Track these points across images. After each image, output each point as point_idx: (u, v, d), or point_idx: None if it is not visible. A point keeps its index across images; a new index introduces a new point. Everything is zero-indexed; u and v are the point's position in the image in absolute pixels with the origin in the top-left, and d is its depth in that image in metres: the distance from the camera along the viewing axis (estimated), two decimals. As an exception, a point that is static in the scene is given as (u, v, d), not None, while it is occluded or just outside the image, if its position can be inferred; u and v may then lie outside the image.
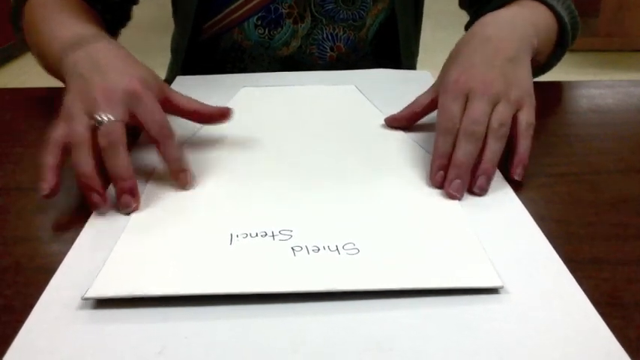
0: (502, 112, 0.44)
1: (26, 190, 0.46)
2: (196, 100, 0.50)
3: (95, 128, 0.41)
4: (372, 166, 0.47)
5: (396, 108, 0.57)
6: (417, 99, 0.53)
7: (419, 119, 0.53)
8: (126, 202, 0.40)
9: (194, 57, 0.75)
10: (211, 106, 0.50)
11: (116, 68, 0.45)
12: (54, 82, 0.65)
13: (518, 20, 0.53)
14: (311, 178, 0.45)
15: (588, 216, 0.41)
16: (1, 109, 0.64)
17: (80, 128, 0.41)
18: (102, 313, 0.31)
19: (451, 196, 0.41)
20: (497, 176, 0.45)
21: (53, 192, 0.40)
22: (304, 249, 0.36)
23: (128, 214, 0.40)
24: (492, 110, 0.44)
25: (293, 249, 0.36)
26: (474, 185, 0.42)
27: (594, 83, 0.68)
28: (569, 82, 0.69)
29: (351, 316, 0.31)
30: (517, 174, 0.44)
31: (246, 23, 0.71)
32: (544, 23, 0.57)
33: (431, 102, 0.51)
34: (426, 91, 0.53)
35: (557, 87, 0.68)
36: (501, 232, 0.38)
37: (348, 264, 0.34)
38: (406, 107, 0.54)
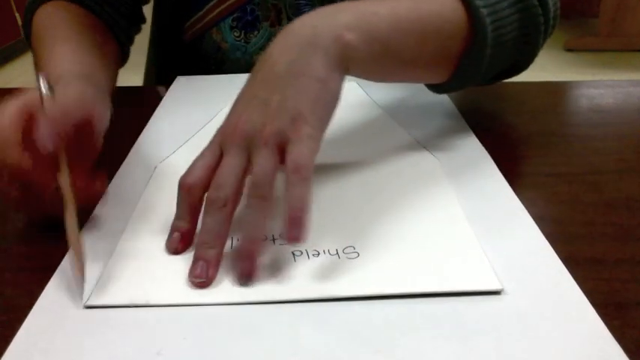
0: (258, 168, 0.34)
1: (26, 190, 0.46)
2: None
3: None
4: (372, 168, 0.47)
5: (397, 105, 0.57)
6: None
7: None
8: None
9: (176, 59, 0.75)
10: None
11: None
12: (54, 82, 0.65)
13: (330, 12, 0.40)
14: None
15: (588, 216, 0.41)
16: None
17: None
18: (101, 314, 0.31)
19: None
20: (497, 176, 0.45)
21: None
22: (304, 253, 0.36)
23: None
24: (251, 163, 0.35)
25: (293, 253, 0.36)
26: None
27: (594, 83, 0.68)
28: (569, 82, 0.69)
29: (351, 318, 0.31)
30: (292, 237, 0.32)
31: (222, 24, 0.70)
32: (405, 10, 0.41)
33: None
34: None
35: (557, 87, 0.68)
36: (501, 232, 0.38)
37: (348, 268, 0.34)
38: None
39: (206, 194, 0.35)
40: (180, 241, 0.36)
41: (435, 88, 0.49)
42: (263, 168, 0.34)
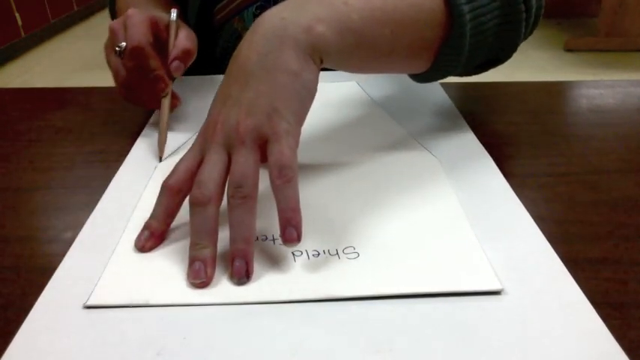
0: (238, 167, 0.34)
1: (26, 190, 0.46)
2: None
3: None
4: (372, 167, 0.47)
5: (397, 105, 0.57)
6: None
7: None
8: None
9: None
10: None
11: None
12: (54, 83, 0.65)
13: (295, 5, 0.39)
14: (310, 180, 0.45)
15: (588, 216, 0.41)
16: (1, 109, 0.64)
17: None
18: (101, 314, 0.31)
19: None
20: (497, 176, 0.45)
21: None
22: (304, 253, 0.36)
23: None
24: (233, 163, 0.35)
25: (293, 253, 0.36)
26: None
27: (594, 83, 0.68)
28: (569, 82, 0.69)
29: (350, 317, 0.31)
30: (287, 239, 0.33)
31: (246, 12, 0.70)
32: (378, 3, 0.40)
33: None
34: None
35: (557, 87, 0.68)
36: (501, 233, 0.38)
37: (348, 269, 0.34)
38: None
39: (188, 196, 0.35)
40: (148, 239, 0.36)
41: (417, 77, 0.49)
42: (243, 167, 0.34)
